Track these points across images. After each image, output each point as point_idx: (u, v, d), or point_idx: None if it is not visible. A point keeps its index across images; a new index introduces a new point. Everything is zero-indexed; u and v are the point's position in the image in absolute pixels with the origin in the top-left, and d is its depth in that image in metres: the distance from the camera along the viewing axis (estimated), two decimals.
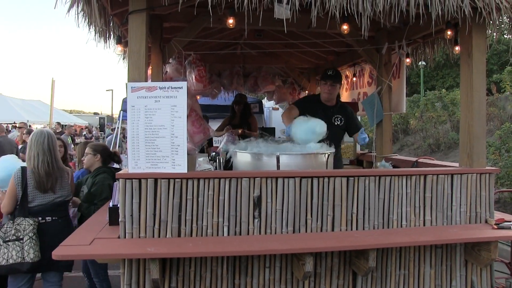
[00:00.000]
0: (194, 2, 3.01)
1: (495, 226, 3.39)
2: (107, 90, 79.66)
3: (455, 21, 3.46)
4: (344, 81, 6.60)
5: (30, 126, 17.35)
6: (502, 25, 3.66)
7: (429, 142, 14.83)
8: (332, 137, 4.04)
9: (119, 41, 3.77)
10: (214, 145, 8.32)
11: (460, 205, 3.49)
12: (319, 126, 3.88)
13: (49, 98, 23.77)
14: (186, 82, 3.14)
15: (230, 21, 3.51)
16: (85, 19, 3.44)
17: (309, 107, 4.66)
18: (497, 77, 14.89)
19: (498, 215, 3.69)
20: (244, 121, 6.89)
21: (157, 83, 3.14)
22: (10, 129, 16.07)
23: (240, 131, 6.40)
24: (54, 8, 3.04)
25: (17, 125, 13.77)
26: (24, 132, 10.16)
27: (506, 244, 5.55)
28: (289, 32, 3.64)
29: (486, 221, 3.53)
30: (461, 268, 3.53)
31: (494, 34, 3.66)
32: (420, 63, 5.73)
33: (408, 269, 3.43)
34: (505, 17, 3.34)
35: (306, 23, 3.82)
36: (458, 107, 14.08)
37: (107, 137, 14.43)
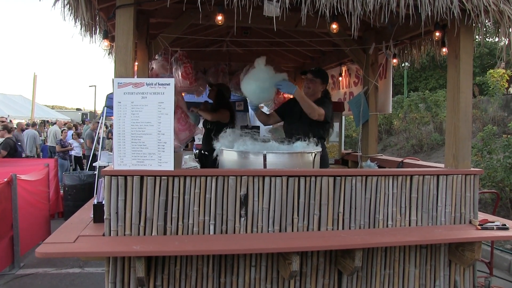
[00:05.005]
0: None
1: (479, 227, 3.42)
2: (90, 86, 79.12)
3: (444, 23, 3.48)
4: (330, 81, 6.60)
5: (10, 121, 17.10)
6: (488, 28, 3.69)
7: (412, 143, 14.89)
8: (308, 130, 4.04)
9: (105, 36, 3.71)
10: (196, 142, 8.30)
11: (445, 205, 3.51)
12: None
13: (30, 93, 23.45)
14: (173, 79, 3.10)
15: (219, 18, 3.48)
16: (71, 13, 3.38)
17: (287, 103, 4.66)
18: (479, 79, 15.01)
19: (481, 215, 3.73)
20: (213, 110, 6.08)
21: (144, 79, 3.10)
22: None
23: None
24: (40, 0, 2.97)
25: None
26: (0, 128, 10.10)
27: (487, 244, 5.61)
28: (276, 30, 3.62)
29: (470, 222, 3.56)
30: (445, 268, 3.56)
31: (479, 36, 3.68)
32: (404, 64, 5.76)
33: (393, 269, 3.45)
34: (486, 20, 3.37)
35: (295, 21, 3.81)
36: (441, 109, 14.18)
37: (85, 131, 14.63)
